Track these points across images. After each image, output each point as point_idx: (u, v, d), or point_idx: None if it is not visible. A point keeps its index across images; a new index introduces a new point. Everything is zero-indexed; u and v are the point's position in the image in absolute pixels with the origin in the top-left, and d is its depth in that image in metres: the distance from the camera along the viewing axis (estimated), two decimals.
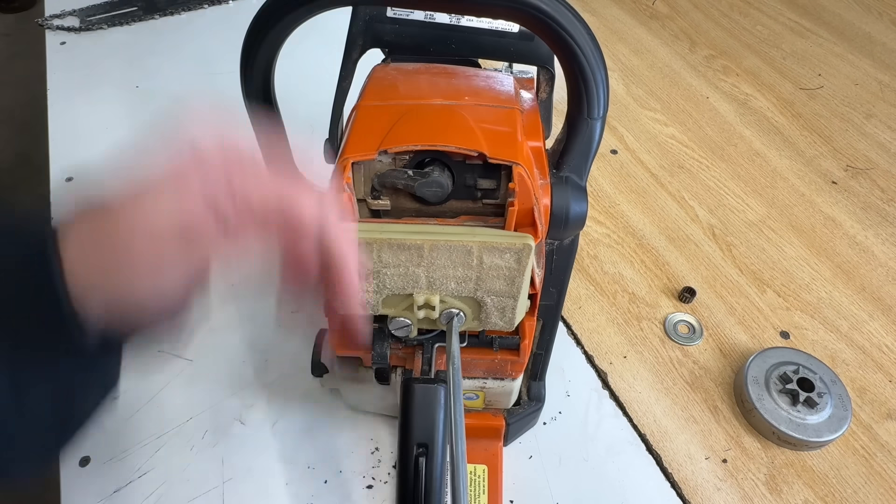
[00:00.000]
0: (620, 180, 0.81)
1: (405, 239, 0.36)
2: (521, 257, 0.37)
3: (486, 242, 0.36)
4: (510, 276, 0.38)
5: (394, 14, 0.48)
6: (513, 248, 0.37)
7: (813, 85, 0.97)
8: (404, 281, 0.38)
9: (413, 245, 0.36)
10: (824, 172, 0.83)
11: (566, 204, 0.40)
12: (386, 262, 0.37)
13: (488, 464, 0.52)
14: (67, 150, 0.79)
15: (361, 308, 0.37)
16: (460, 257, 0.37)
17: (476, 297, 0.39)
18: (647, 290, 0.69)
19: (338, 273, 0.32)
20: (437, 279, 0.38)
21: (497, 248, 0.37)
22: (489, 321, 0.40)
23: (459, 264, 0.37)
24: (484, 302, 0.39)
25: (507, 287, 0.38)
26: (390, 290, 0.38)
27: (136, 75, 0.89)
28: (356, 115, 0.41)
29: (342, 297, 0.34)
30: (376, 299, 0.39)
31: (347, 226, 0.34)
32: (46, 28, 0.96)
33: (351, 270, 0.33)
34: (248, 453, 0.54)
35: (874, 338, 0.66)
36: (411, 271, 0.38)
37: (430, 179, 0.37)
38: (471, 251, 0.37)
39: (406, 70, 0.47)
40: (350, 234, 0.33)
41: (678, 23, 1.08)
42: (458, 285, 0.38)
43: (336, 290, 0.34)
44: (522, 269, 0.37)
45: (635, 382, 0.61)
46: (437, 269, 0.38)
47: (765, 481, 0.55)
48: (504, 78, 0.46)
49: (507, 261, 0.37)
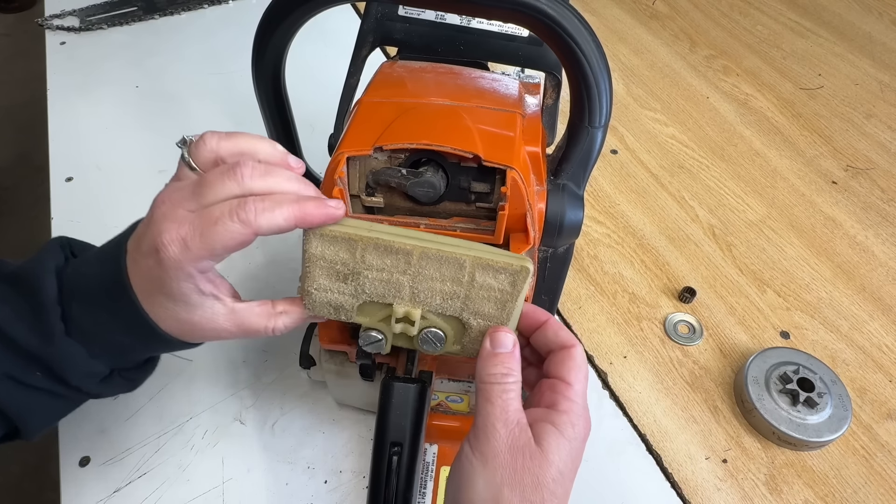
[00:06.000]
0: (620, 180, 0.81)
1: (394, 241, 0.34)
2: (516, 280, 0.34)
3: (480, 259, 0.34)
4: (502, 300, 0.35)
5: (405, 13, 0.48)
6: (509, 268, 0.34)
7: (813, 85, 0.97)
8: (386, 288, 0.35)
9: (402, 249, 0.34)
10: (824, 172, 0.83)
11: (561, 211, 0.40)
12: (369, 264, 0.35)
13: None
14: (67, 150, 0.79)
15: (332, 312, 0.37)
16: (451, 270, 0.34)
17: (461, 317, 0.36)
18: (647, 290, 0.69)
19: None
20: (421, 291, 0.35)
21: (492, 266, 0.34)
22: (472, 347, 0.37)
23: (449, 278, 0.35)
24: (469, 324, 0.36)
25: (496, 311, 0.36)
26: (369, 295, 0.36)
27: (136, 75, 0.89)
28: (357, 109, 0.41)
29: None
30: (352, 304, 0.36)
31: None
32: (46, 28, 0.96)
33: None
34: (248, 453, 0.54)
35: (874, 338, 0.66)
36: (395, 278, 0.35)
37: (423, 179, 0.37)
38: (463, 265, 0.34)
39: (412, 68, 0.47)
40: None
41: (678, 23, 1.08)
42: (444, 301, 0.36)
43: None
44: (517, 293, 0.35)
45: (635, 382, 0.61)
46: (424, 279, 0.35)
47: (765, 481, 0.55)
48: (509, 81, 0.46)
49: (501, 282, 0.34)
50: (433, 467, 0.52)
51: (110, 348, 0.38)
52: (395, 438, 0.37)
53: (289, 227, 0.33)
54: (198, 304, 0.35)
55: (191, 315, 0.35)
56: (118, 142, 0.80)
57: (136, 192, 0.75)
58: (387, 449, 0.37)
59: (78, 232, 0.43)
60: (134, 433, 0.54)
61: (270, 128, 0.53)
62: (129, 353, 0.39)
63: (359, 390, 0.51)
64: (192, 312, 0.35)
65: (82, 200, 0.73)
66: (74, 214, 0.71)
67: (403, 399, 0.38)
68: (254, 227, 0.32)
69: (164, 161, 0.77)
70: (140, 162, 0.77)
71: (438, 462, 0.52)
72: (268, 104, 0.49)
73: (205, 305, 0.35)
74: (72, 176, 0.75)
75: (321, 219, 0.34)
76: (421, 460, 0.37)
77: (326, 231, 0.34)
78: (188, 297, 0.34)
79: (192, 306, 0.35)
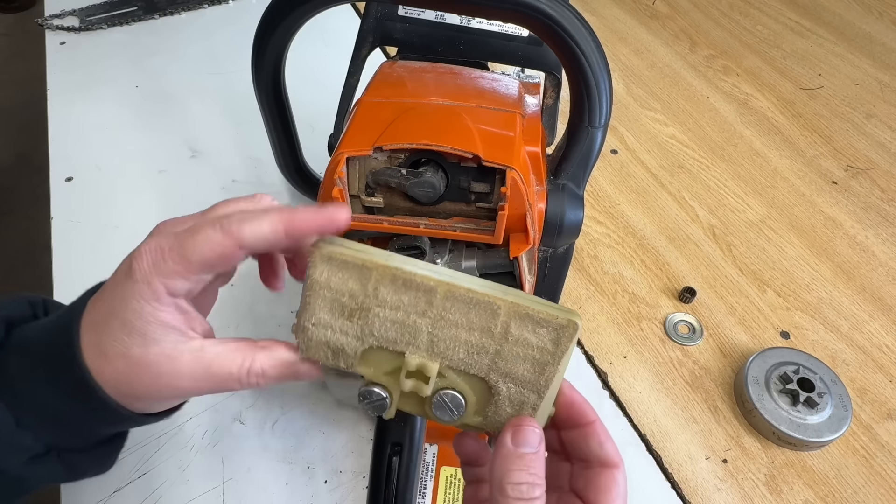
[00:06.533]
0: (620, 180, 0.81)
1: (415, 275, 0.28)
2: (560, 338, 0.28)
3: (518, 306, 0.28)
4: (541, 362, 0.29)
5: (405, 13, 0.48)
6: (553, 322, 0.28)
7: (813, 85, 0.97)
8: (399, 332, 0.29)
9: (423, 285, 0.28)
10: (824, 172, 0.83)
11: (561, 211, 0.40)
12: (382, 300, 0.29)
13: None
14: (67, 150, 0.79)
15: (330, 356, 0.30)
16: (480, 317, 0.29)
17: (488, 378, 0.30)
18: (647, 290, 0.69)
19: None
20: (442, 340, 0.29)
21: (532, 316, 0.28)
22: (496, 418, 0.30)
23: (477, 327, 0.29)
24: (497, 390, 0.30)
25: (532, 376, 0.29)
26: (377, 339, 0.30)
27: (136, 75, 0.89)
28: (357, 109, 0.41)
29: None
30: (355, 348, 0.30)
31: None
32: (46, 28, 0.96)
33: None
34: (248, 453, 0.54)
35: (874, 338, 0.66)
36: (412, 321, 0.29)
37: (423, 180, 0.37)
38: (496, 312, 0.28)
39: (412, 68, 0.47)
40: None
41: (678, 23, 1.08)
42: (469, 356, 0.29)
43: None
44: (560, 354, 0.29)
45: (635, 382, 0.61)
46: (447, 325, 0.29)
47: (765, 481, 0.55)
48: (509, 81, 0.46)
49: (542, 338, 0.28)
50: (433, 467, 0.52)
51: (44, 416, 0.30)
52: (395, 438, 0.37)
53: (276, 239, 0.29)
54: (157, 337, 0.29)
55: (145, 352, 0.29)
56: (118, 142, 0.80)
57: (136, 192, 0.75)
58: (387, 449, 0.37)
59: (78, 232, 0.42)
60: (134, 433, 0.54)
61: (270, 128, 0.53)
62: (67, 427, 0.31)
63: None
64: (147, 347, 0.29)
65: (82, 200, 0.73)
66: (74, 214, 0.71)
67: None
68: (236, 237, 0.28)
69: (163, 161, 0.77)
70: (140, 162, 0.77)
71: (438, 462, 0.52)
72: (268, 104, 0.49)
73: (165, 340, 0.29)
74: (72, 176, 0.75)
75: (316, 225, 0.30)
76: (421, 460, 0.37)
77: (336, 253, 0.29)
78: (147, 325, 0.28)
79: (149, 340, 0.29)
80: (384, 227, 0.39)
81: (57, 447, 0.32)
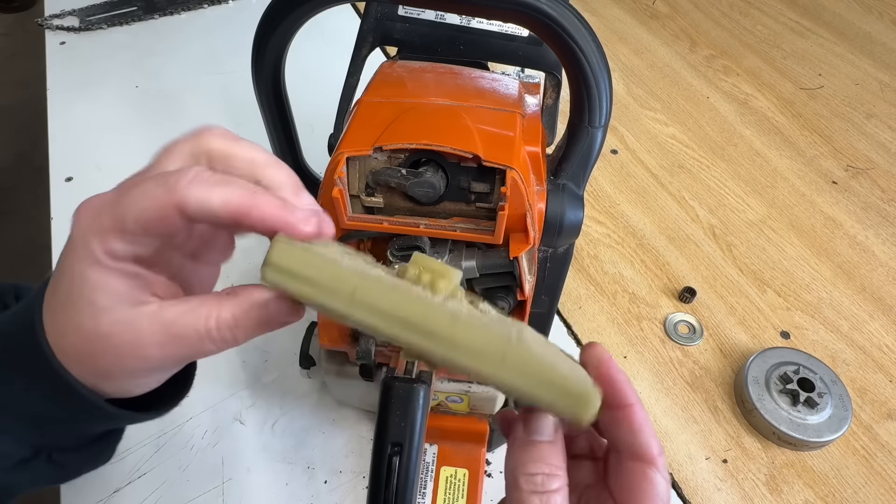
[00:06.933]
0: (621, 180, 0.81)
1: (432, 325, 0.25)
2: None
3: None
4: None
5: (405, 13, 0.48)
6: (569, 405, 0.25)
7: (813, 85, 0.97)
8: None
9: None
10: (825, 172, 0.83)
11: (561, 211, 0.40)
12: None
13: (469, 468, 0.52)
14: (67, 150, 0.79)
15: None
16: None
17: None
18: (647, 290, 0.69)
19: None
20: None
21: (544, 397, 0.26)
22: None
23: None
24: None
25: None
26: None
27: (136, 75, 0.89)
28: (357, 109, 0.41)
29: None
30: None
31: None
32: (46, 28, 0.96)
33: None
34: (248, 453, 0.54)
35: (874, 338, 0.66)
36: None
37: (423, 180, 0.37)
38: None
39: (412, 68, 0.47)
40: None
41: (678, 22, 1.08)
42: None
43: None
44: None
45: (635, 382, 0.61)
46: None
47: (765, 481, 0.55)
48: (509, 81, 0.46)
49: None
50: (433, 467, 0.52)
51: (22, 416, 0.28)
52: (395, 439, 0.37)
53: (225, 216, 0.24)
54: (105, 305, 0.25)
55: (97, 323, 0.25)
56: (118, 142, 0.80)
57: None
58: (387, 449, 0.37)
59: None
60: (134, 433, 0.54)
61: (270, 128, 0.53)
62: (50, 424, 0.29)
63: (359, 390, 0.50)
64: (98, 318, 0.25)
65: (82, 200, 0.73)
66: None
67: (404, 399, 0.38)
68: (177, 196, 0.24)
69: None
70: (140, 162, 0.76)
71: (438, 462, 0.52)
72: (268, 104, 0.49)
73: (116, 308, 0.25)
74: (72, 176, 0.75)
75: (275, 225, 0.25)
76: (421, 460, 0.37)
77: (292, 274, 0.25)
78: (93, 292, 0.25)
79: (98, 309, 0.25)
80: (384, 227, 0.38)
81: (47, 448, 0.29)
